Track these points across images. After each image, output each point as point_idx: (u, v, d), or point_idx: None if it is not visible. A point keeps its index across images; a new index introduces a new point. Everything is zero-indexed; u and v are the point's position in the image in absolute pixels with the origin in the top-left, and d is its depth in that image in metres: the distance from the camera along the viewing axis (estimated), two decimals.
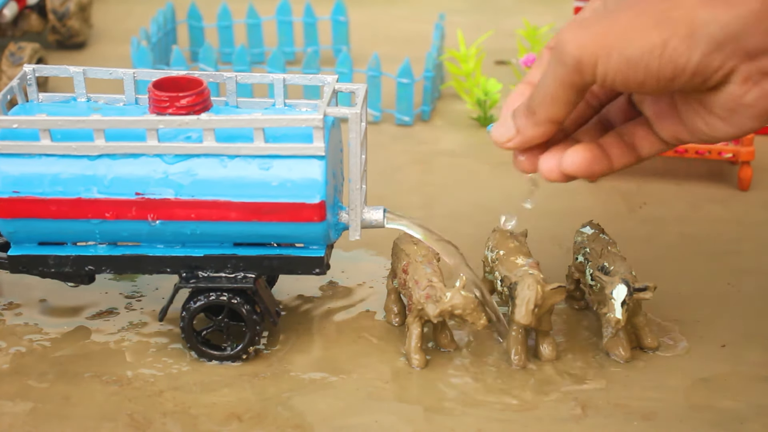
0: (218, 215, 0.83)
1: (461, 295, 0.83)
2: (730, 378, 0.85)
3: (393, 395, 0.84)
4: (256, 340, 0.86)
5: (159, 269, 0.86)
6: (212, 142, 0.83)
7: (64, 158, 0.83)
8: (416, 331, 0.86)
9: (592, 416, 0.81)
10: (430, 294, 0.83)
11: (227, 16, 1.45)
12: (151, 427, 0.80)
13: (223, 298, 0.85)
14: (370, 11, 1.65)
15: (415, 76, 1.27)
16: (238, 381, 0.85)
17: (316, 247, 0.86)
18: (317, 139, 0.82)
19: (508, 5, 1.67)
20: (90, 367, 0.86)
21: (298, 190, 0.83)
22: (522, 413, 0.81)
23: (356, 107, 0.84)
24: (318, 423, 0.81)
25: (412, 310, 0.85)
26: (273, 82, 0.89)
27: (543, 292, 0.83)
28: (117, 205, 0.83)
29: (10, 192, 0.83)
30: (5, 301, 0.94)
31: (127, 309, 0.94)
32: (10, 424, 0.80)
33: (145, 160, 0.83)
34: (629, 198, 1.13)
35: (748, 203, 1.12)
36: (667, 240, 1.05)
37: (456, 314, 0.83)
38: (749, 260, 1.01)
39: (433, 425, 0.81)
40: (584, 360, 0.87)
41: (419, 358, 0.86)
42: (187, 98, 0.84)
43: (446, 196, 1.10)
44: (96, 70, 0.90)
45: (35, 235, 0.86)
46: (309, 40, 1.47)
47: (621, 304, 0.83)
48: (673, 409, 0.82)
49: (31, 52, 1.33)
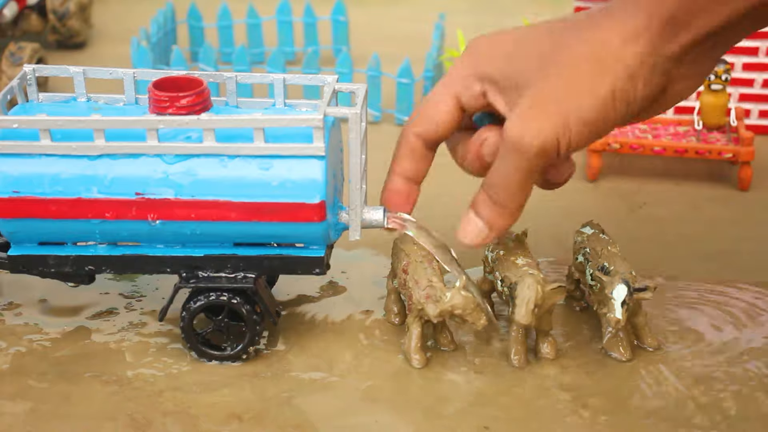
0: (218, 215, 0.83)
1: (461, 295, 0.83)
2: (731, 377, 0.85)
3: (393, 395, 0.84)
4: (256, 340, 0.86)
5: (159, 269, 0.86)
6: (212, 142, 0.83)
7: (64, 158, 0.83)
8: (416, 330, 0.86)
9: (593, 416, 0.81)
10: (430, 294, 0.83)
11: (227, 16, 1.45)
12: (151, 427, 0.80)
13: (223, 298, 0.85)
14: (370, 11, 1.65)
15: (415, 76, 1.27)
16: (238, 381, 0.85)
17: (316, 247, 0.86)
18: (317, 139, 0.82)
19: (508, 5, 1.67)
20: (90, 367, 0.86)
21: (298, 190, 0.82)
22: (522, 413, 0.81)
23: (356, 107, 0.84)
24: (318, 423, 0.81)
25: (413, 310, 0.85)
26: (273, 82, 0.89)
27: (543, 292, 0.83)
28: (117, 205, 0.83)
29: (10, 192, 0.83)
30: (5, 301, 0.94)
31: (127, 309, 0.94)
32: (10, 424, 0.80)
33: (145, 160, 0.83)
34: (629, 198, 1.13)
35: (748, 203, 1.12)
36: (667, 240, 1.05)
37: (456, 314, 0.83)
38: (749, 260, 1.01)
39: (433, 425, 0.81)
40: (584, 360, 0.87)
41: (419, 358, 0.86)
42: (187, 98, 0.84)
43: (446, 196, 1.10)
44: (96, 70, 0.90)
45: (35, 235, 0.86)
46: (309, 40, 1.47)
47: (621, 304, 0.83)
48: (674, 408, 0.82)
49: (31, 52, 1.33)
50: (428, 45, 1.38)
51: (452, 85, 0.83)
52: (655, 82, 0.77)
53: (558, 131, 0.76)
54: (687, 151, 1.14)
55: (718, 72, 1.14)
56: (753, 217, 1.09)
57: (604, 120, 0.77)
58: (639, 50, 0.76)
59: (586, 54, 0.77)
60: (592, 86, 0.76)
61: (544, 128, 0.76)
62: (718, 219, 1.09)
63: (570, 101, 0.76)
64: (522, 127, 0.77)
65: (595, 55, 0.76)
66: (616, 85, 0.76)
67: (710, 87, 1.15)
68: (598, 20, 0.78)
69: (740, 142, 1.13)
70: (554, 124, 0.76)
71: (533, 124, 0.76)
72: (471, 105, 0.83)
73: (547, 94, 0.77)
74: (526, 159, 0.77)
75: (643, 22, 0.76)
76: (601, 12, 0.78)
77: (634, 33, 0.76)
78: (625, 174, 1.17)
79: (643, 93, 0.77)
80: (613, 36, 0.76)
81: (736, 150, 1.13)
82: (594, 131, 0.77)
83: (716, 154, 1.14)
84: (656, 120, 1.20)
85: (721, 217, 1.09)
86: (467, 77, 0.82)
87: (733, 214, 1.10)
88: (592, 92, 0.76)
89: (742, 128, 1.14)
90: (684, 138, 1.17)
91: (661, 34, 0.76)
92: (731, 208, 1.11)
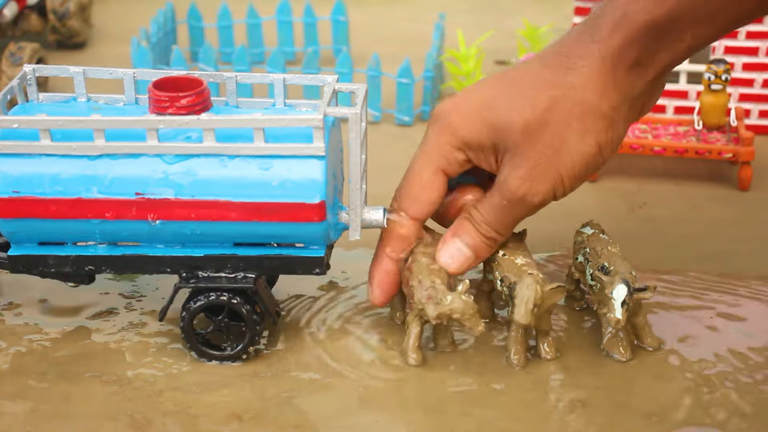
0: (218, 215, 0.83)
1: (462, 300, 0.83)
2: (731, 377, 0.85)
3: (393, 395, 0.84)
4: (256, 340, 0.86)
5: (159, 269, 0.86)
6: (212, 142, 0.83)
7: (64, 158, 0.83)
8: (415, 330, 0.86)
9: (593, 415, 0.81)
10: (432, 295, 0.83)
11: (227, 16, 1.45)
12: (151, 427, 0.80)
13: (223, 298, 0.85)
14: (370, 11, 1.65)
15: (415, 76, 1.27)
16: (238, 381, 0.85)
17: (316, 247, 0.86)
18: (317, 139, 0.82)
19: (508, 5, 1.67)
20: (90, 367, 0.86)
21: (298, 190, 0.82)
22: (522, 413, 0.81)
23: (356, 107, 0.84)
24: (318, 423, 0.81)
25: (413, 309, 0.85)
26: (273, 82, 0.89)
27: (542, 292, 0.83)
28: (117, 205, 0.83)
29: (10, 192, 0.83)
30: (5, 301, 0.94)
31: (127, 309, 0.93)
32: (10, 424, 0.80)
33: (145, 160, 0.83)
34: (629, 198, 1.13)
35: (748, 203, 1.12)
36: (667, 240, 1.05)
37: (454, 318, 0.83)
38: (749, 260, 1.01)
39: (433, 425, 0.81)
40: (584, 360, 0.87)
41: (416, 357, 0.86)
42: (187, 98, 0.84)
43: None
44: (96, 70, 0.90)
45: (35, 235, 0.86)
46: (309, 40, 1.47)
47: (621, 304, 0.83)
48: (674, 408, 0.82)
49: (31, 52, 1.33)
50: (428, 45, 1.38)
51: (433, 160, 0.86)
52: (632, 117, 0.85)
53: (554, 187, 0.84)
54: (687, 151, 1.14)
55: (718, 72, 1.14)
56: (753, 217, 1.09)
57: (594, 167, 0.85)
58: (613, 102, 0.82)
59: (568, 116, 0.82)
60: (580, 146, 0.83)
61: (542, 189, 0.84)
62: (718, 219, 1.09)
63: (562, 163, 0.83)
64: (522, 187, 0.83)
65: (577, 116, 0.82)
66: (601, 138, 0.83)
67: (710, 87, 1.15)
68: (569, 80, 0.82)
69: (740, 142, 1.13)
70: (551, 184, 0.84)
71: (533, 185, 0.83)
72: (455, 171, 0.87)
73: (541, 161, 0.83)
74: (525, 210, 0.85)
75: (610, 74, 0.82)
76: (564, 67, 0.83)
77: (605, 87, 0.82)
78: (625, 174, 1.17)
79: (624, 131, 0.85)
80: (587, 95, 0.82)
81: (736, 150, 1.13)
82: (585, 177, 0.85)
83: (716, 154, 1.14)
84: (656, 120, 1.20)
85: (721, 217, 1.09)
86: (447, 148, 0.86)
87: (733, 214, 1.10)
88: (580, 151, 0.83)
89: (742, 128, 1.14)
90: (684, 138, 1.17)
91: (627, 80, 0.82)
92: (731, 208, 1.11)
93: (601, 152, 0.83)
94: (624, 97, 0.83)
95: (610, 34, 0.81)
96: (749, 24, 0.81)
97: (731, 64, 1.15)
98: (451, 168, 0.86)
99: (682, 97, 1.24)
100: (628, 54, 0.81)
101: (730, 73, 1.14)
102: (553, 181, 0.83)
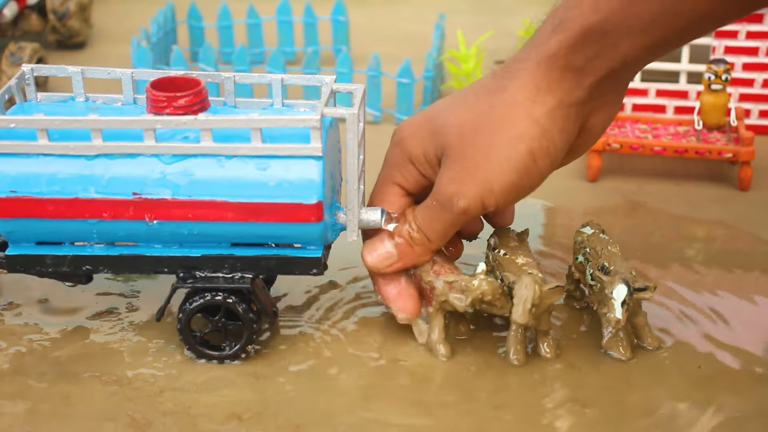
0: (215, 215, 0.83)
1: (488, 281, 0.83)
2: (731, 376, 0.85)
3: (393, 394, 0.84)
4: (254, 338, 0.86)
5: (156, 269, 0.86)
6: (209, 143, 0.83)
7: (62, 158, 0.83)
8: (439, 323, 0.86)
9: (593, 415, 0.81)
10: (454, 285, 0.84)
11: (227, 16, 1.45)
12: (151, 427, 0.80)
13: (219, 298, 0.85)
14: (370, 11, 1.65)
15: (415, 76, 1.27)
16: (238, 381, 0.85)
17: (314, 247, 0.86)
18: (314, 140, 0.82)
19: (508, 5, 1.67)
20: (90, 367, 0.86)
21: (296, 190, 0.82)
22: (522, 411, 0.81)
23: (354, 108, 0.84)
24: (318, 422, 0.81)
25: (434, 302, 0.85)
26: (271, 82, 0.89)
27: (541, 292, 0.83)
28: (114, 205, 0.83)
29: (8, 192, 0.83)
30: (5, 301, 0.94)
31: (127, 309, 0.94)
32: (10, 424, 0.80)
33: (143, 160, 0.83)
34: (629, 198, 1.13)
35: (748, 203, 1.12)
36: (666, 240, 1.05)
37: (486, 300, 0.83)
38: (749, 260, 1.01)
39: (433, 424, 0.80)
40: (584, 359, 0.87)
41: (445, 349, 0.86)
42: (184, 98, 0.84)
43: None
44: (94, 70, 0.90)
45: (33, 234, 0.86)
46: (309, 40, 1.47)
47: (621, 304, 0.83)
48: (675, 407, 0.82)
49: (31, 52, 1.33)
50: (428, 45, 1.38)
51: (390, 175, 0.88)
52: (570, 128, 0.82)
53: (483, 194, 0.82)
54: (687, 151, 1.14)
55: (718, 72, 1.14)
56: (753, 217, 1.09)
57: (528, 177, 0.82)
58: (547, 107, 0.81)
59: (499, 120, 0.81)
60: (510, 152, 0.81)
61: (469, 192, 0.82)
62: (718, 219, 1.09)
63: (491, 167, 0.82)
64: (450, 187, 0.83)
65: (508, 120, 0.81)
66: (533, 145, 0.81)
67: (710, 87, 1.15)
68: (504, 84, 0.82)
69: (740, 142, 1.13)
70: (479, 189, 0.82)
71: (460, 187, 0.82)
72: (414, 187, 0.88)
73: (470, 163, 0.82)
74: (452, 215, 0.84)
75: (545, 78, 0.80)
76: (504, 72, 0.83)
77: (538, 90, 0.81)
78: (625, 174, 1.17)
79: (561, 142, 0.82)
80: (519, 98, 0.81)
81: (736, 150, 1.13)
82: (520, 189, 0.83)
83: (716, 154, 1.14)
84: (656, 120, 1.20)
85: (721, 217, 1.09)
86: (401, 164, 0.87)
87: (733, 214, 1.09)
88: (511, 157, 0.81)
89: (742, 128, 1.14)
90: (684, 138, 1.17)
91: (563, 84, 0.81)
92: (731, 208, 1.10)
93: (536, 161, 0.81)
94: (559, 102, 0.81)
95: (547, 39, 0.80)
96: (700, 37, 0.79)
97: (731, 64, 1.15)
98: (407, 182, 0.87)
99: (682, 97, 1.24)
100: (564, 58, 0.80)
101: (730, 73, 1.14)
102: (482, 186, 0.82)
